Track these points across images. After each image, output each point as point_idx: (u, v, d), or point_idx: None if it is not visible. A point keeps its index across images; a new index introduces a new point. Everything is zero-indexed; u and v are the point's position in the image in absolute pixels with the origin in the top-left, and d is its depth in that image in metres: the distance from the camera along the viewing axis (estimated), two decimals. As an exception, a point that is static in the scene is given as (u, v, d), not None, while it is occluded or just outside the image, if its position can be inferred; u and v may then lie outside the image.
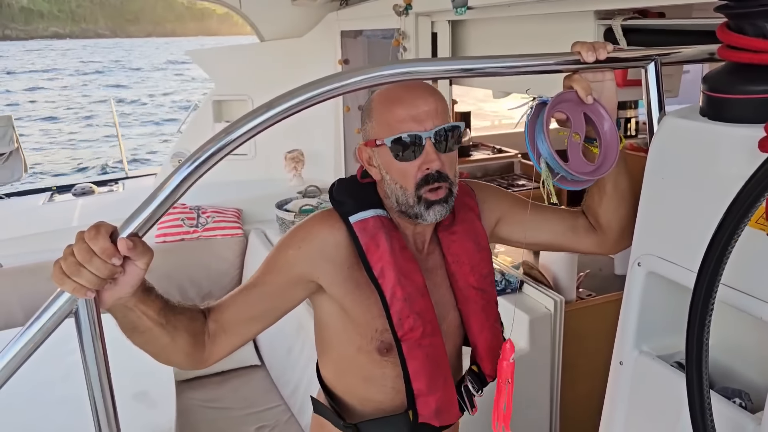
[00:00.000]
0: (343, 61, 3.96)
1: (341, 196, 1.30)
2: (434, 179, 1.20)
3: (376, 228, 1.25)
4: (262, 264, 1.28)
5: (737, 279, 0.89)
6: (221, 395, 3.18)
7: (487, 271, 1.38)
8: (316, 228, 1.28)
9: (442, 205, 1.22)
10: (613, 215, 1.30)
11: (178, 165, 0.95)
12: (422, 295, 1.26)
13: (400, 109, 1.20)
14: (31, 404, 2.33)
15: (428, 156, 1.19)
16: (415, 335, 1.25)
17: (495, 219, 1.43)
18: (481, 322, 1.37)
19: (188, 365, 1.18)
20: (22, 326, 0.91)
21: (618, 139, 1.14)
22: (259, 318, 1.24)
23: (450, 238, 1.34)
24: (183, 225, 3.80)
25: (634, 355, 1.13)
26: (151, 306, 1.04)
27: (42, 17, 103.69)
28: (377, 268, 1.23)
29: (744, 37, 0.91)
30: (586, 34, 1.91)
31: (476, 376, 1.41)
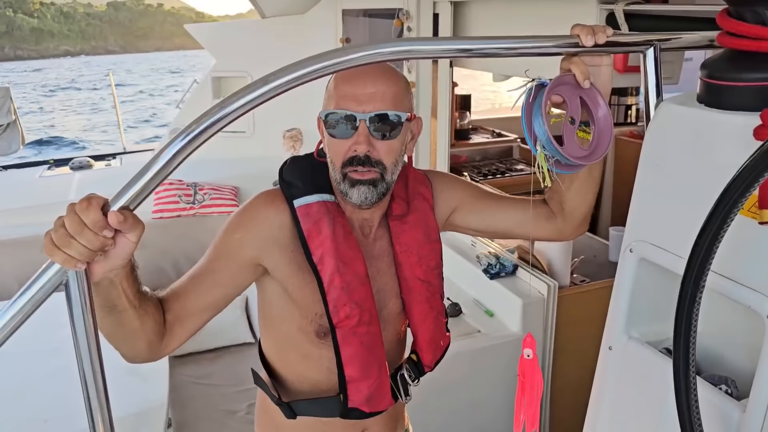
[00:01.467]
0: (344, 40, 3.93)
1: (290, 177, 1.28)
2: (359, 162, 1.18)
3: (320, 213, 1.24)
4: (209, 249, 1.26)
5: (727, 267, 0.89)
6: (214, 372, 3.20)
7: (435, 264, 1.37)
8: (263, 209, 1.26)
9: (369, 188, 1.20)
10: (581, 201, 1.32)
11: (172, 138, 0.94)
12: (362, 284, 1.26)
13: (347, 86, 1.18)
14: (21, 377, 2.35)
15: (358, 138, 1.17)
16: (351, 323, 1.25)
17: (450, 208, 1.42)
18: (423, 313, 1.37)
19: (146, 355, 1.16)
20: (15, 298, 0.91)
21: (611, 126, 1.14)
22: (212, 306, 1.23)
23: (401, 228, 1.33)
24: (180, 201, 3.80)
25: (624, 340, 1.14)
26: (132, 285, 1.04)
27: (52, 37, 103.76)
28: (317, 255, 1.23)
29: (743, 23, 0.90)
30: (588, 18, 1.89)
31: (414, 365, 1.42)
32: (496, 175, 3.98)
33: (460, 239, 2.87)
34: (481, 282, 2.61)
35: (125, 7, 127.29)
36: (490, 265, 2.60)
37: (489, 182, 3.76)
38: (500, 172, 4.04)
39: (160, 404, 2.31)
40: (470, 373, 2.42)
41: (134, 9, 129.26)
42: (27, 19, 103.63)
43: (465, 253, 2.80)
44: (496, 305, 2.56)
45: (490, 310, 2.58)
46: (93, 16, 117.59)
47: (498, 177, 3.95)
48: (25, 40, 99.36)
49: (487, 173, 4.01)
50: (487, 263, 2.61)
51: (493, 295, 2.57)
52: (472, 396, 2.45)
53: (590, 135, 1.14)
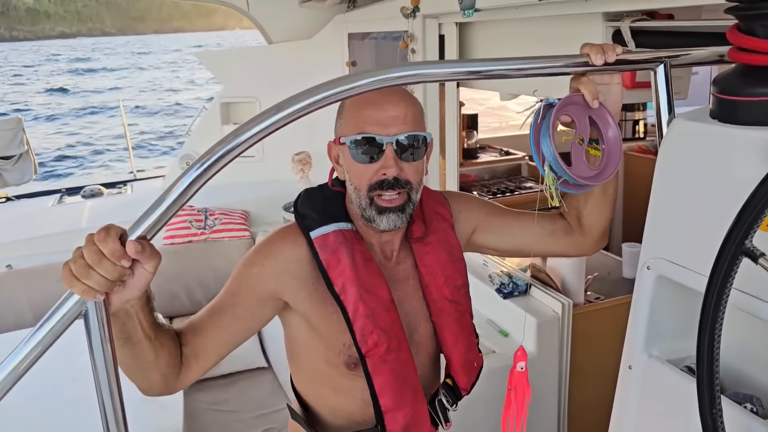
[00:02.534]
0: (350, 63, 3.97)
1: (304, 209, 1.28)
2: (389, 185, 1.18)
3: (338, 243, 1.23)
4: (227, 283, 1.26)
5: (749, 283, 0.89)
6: (228, 397, 3.19)
7: (461, 283, 1.36)
8: (278, 244, 1.26)
9: (397, 214, 1.20)
10: (598, 218, 1.31)
11: (186, 167, 0.95)
12: (387, 310, 1.24)
13: (368, 110, 1.18)
14: (40, 405, 2.34)
15: (387, 161, 1.17)
16: (380, 351, 1.23)
17: (471, 228, 1.41)
18: (455, 335, 1.35)
19: (161, 388, 1.16)
20: (32, 327, 0.91)
21: (621, 146, 1.14)
22: (231, 341, 1.23)
23: (423, 249, 1.32)
24: (191, 227, 3.81)
25: (644, 359, 1.12)
26: (147, 317, 1.04)
27: (48, 18, 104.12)
28: (338, 284, 1.22)
29: (754, 39, 0.91)
30: (594, 36, 1.90)
31: (450, 390, 1.39)
32: (505, 193, 3.98)
33: (472, 258, 2.86)
34: (495, 301, 2.59)
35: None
36: (503, 284, 2.58)
37: (498, 200, 3.75)
38: (509, 190, 4.03)
39: (176, 431, 2.31)
40: (486, 395, 2.40)
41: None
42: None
43: (477, 273, 2.79)
44: (511, 325, 2.54)
45: (505, 330, 2.56)
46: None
47: (507, 195, 3.94)
48: (20, 21, 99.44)
49: (496, 191, 4.00)
50: (500, 282, 2.59)
51: (506, 314, 2.55)
52: (489, 417, 2.43)
53: (600, 152, 1.14)
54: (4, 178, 4.05)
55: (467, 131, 4.33)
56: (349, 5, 4.05)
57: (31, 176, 4.23)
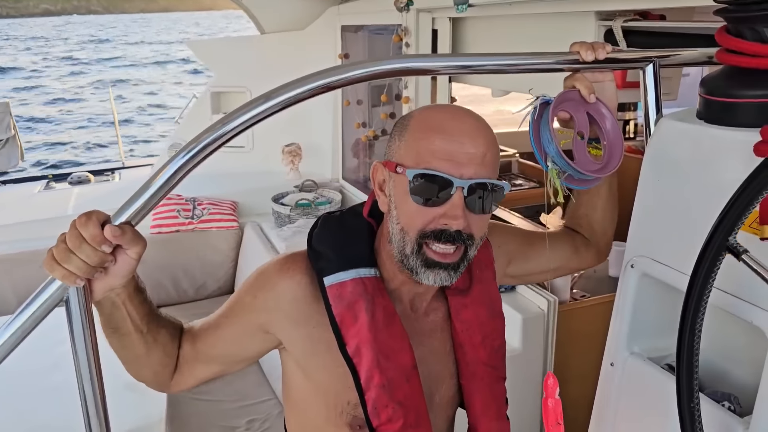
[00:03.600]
0: (343, 56, 3.96)
1: (320, 246, 1.09)
2: (448, 237, 0.98)
3: (356, 295, 1.04)
4: (226, 302, 1.15)
5: (730, 283, 0.89)
6: (213, 388, 3.17)
7: (500, 344, 1.19)
8: (275, 277, 1.09)
9: (448, 272, 1.00)
10: (610, 220, 1.28)
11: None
12: (407, 380, 1.06)
13: (440, 141, 0.97)
14: (21, 393, 2.33)
15: (454, 210, 0.96)
16: (395, 427, 1.05)
17: (507, 262, 1.27)
18: (486, 403, 1.17)
19: (154, 384, 1.11)
20: (14, 314, 0.91)
21: (621, 136, 1.13)
22: (217, 360, 1.13)
23: (461, 302, 1.14)
24: (179, 216, 3.79)
25: (625, 356, 1.13)
26: (138, 309, 1.00)
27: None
28: (352, 346, 1.04)
29: (742, 41, 0.91)
30: (586, 34, 1.91)
31: None
32: (494, 189, 3.98)
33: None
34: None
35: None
36: (490, 280, 2.59)
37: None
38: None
39: (158, 420, 2.30)
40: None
41: None
42: None
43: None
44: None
45: (490, 325, 2.57)
46: None
47: (497, 192, 3.94)
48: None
49: (485, 188, 4.00)
50: (487, 278, 2.60)
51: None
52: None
53: (601, 150, 1.14)
54: (-10, 163, 4.02)
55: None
56: (342, -3, 4.03)
57: (18, 161, 4.20)
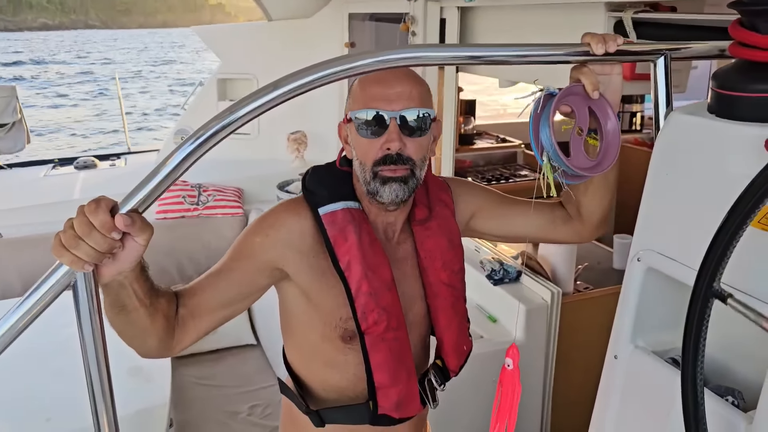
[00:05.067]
0: (350, 44, 3.94)
1: (313, 186, 1.30)
2: (392, 160, 1.19)
3: (346, 221, 1.25)
4: (229, 249, 1.27)
5: (737, 278, 0.89)
6: (216, 373, 3.20)
7: (459, 268, 1.38)
8: (283, 216, 1.28)
9: (400, 185, 1.21)
10: (598, 206, 1.32)
11: (180, 142, 0.94)
12: (389, 289, 1.26)
13: (374, 87, 1.20)
14: (27, 375, 2.35)
15: (390, 135, 1.18)
16: (379, 329, 1.25)
17: (470, 213, 1.44)
18: (449, 318, 1.38)
19: (157, 351, 1.17)
20: (20, 297, 0.91)
21: (619, 137, 1.14)
22: (227, 304, 1.24)
23: (424, 233, 1.34)
24: (184, 202, 3.80)
25: (630, 349, 1.13)
26: (143, 285, 1.05)
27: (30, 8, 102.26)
28: (344, 261, 1.23)
29: (757, 34, 0.90)
30: (596, 25, 1.89)
31: (440, 371, 1.41)
32: (500, 180, 3.99)
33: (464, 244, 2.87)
34: (485, 287, 2.61)
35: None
36: (494, 270, 2.59)
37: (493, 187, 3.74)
38: (504, 178, 4.04)
39: (162, 404, 2.32)
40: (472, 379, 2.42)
41: None
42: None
43: (469, 259, 2.78)
44: (500, 311, 2.56)
45: (494, 315, 2.58)
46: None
47: (502, 182, 3.95)
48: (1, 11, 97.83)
49: (491, 178, 4.01)
50: (491, 269, 2.61)
51: (496, 300, 2.57)
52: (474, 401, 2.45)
53: (598, 141, 1.14)
54: (-4, 146, 4.02)
55: (465, 117, 4.31)
56: (350, -16, 4.01)
57: (24, 145, 4.20)
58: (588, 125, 1.13)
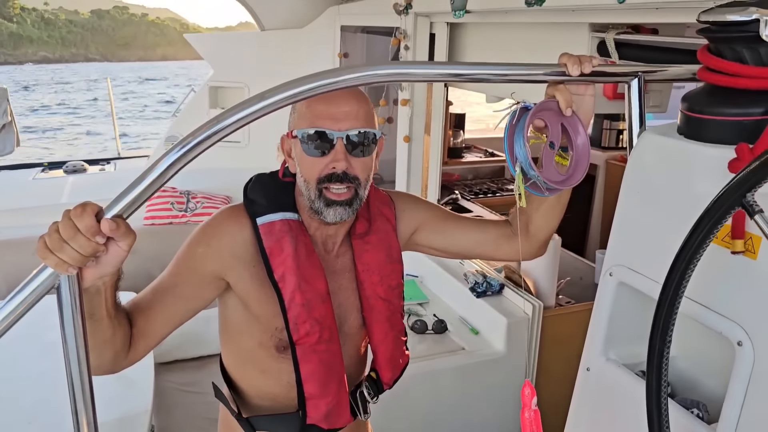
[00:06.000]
0: (342, 55, 3.98)
1: (254, 195, 1.30)
2: (337, 178, 1.20)
3: (283, 232, 1.26)
4: (171, 263, 1.26)
5: (701, 293, 0.93)
6: (199, 379, 3.20)
7: (396, 283, 1.39)
8: (225, 224, 1.28)
9: (344, 208, 1.22)
10: (546, 224, 1.35)
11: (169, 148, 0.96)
12: (323, 302, 1.28)
13: (320, 105, 1.20)
14: (7, 378, 2.34)
15: (336, 155, 1.19)
16: (311, 340, 1.26)
17: (413, 228, 1.44)
18: (384, 332, 1.39)
19: (110, 366, 1.16)
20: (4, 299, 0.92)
21: (589, 154, 1.17)
22: (175, 320, 1.24)
23: (363, 247, 1.36)
24: (172, 209, 3.81)
25: (601, 361, 1.16)
26: (113, 295, 1.06)
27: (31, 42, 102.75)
28: (278, 272, 1.24)
29: (722, 60, 0.94)
30: (580, 45, 1.94)
31: (374, 383, 1.43)
32: (487, 194, 4.02)
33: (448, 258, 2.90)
34: (468, 300, 2.63)
35: (109, 16, 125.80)
36: (477, 283, 2.62)
37: (480, 201, 3.79)
38: (491, 191, 4.07)
39: (144, 410, 2.31)
40: (453, 389, 2.44)
41: (118, 18, 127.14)
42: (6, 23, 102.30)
43: (452, 271, 2.83)
44: (482, 323, 2.59)
45: (476, 328, 2.60)
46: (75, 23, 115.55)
47: (489, 196, 3.98)
48: (2, 45, 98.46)
49: (478, 192, 4.04)
50: (474, 281, 2.64)
51: (478, 313, 2.59)
52: (455, 412, 2.47)
53: (567, 161, 1.17)
54: (-15, 149, 4.01)
55: (454, 130, 4.36)
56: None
57: (13, 147, 4.19)
58: (560, 141, 1.16)
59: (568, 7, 1.83)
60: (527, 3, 1.91)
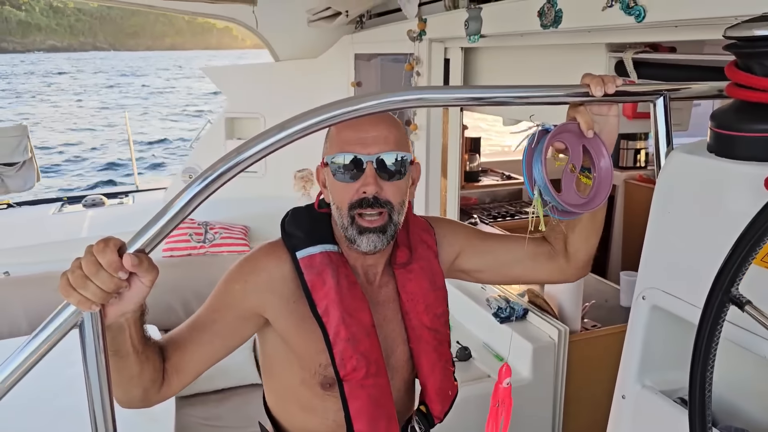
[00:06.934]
0: (356, 84, 4.00)
1: (291, 229, 1.29)
2: (368, 204, 1.19)
3: (324, 264, 1.24)
4: (209, 299, 1.26)
5: (742, 316, 0.89)
6: (221, 413, 3.16)
7: (441, 311, 1.36)
8: (263, 260, 1.27)
9: (378, 235, 1.20)
10: (583, 244, 1.32)
11: (188, 180, 0.95)
12: (368, 335, 1.24)
13: (349, 131, 1.20)
14: (31, 414, 2.33)
15: (366, 179, 1.18)
16: (358, 375, 1.23)
17: (455, 253, 1.42)
18: (432, 363, 1.35)
19: (140, 401, 1.15)
20: (26, 335, 0.91)
21: (612, 176, 1.15)
22: (212, 357, 1.23)
23: (406, 276, 1.32)
24: (191, 240, 3.82)
25: (637, 389, 1.12)
26: (138, 331, 1.05)
27: (39, 30, 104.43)
28: (321, 306, 1.22)
29: (752, 75, 0.92)
30: (597, 66, 1.93)
31: (424, 417, 1.39)
32: (505, 217, 3.99)
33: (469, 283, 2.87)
34: (491, 326, 2.59)
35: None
36: (500, 308, 2.58)
37: (498, 224, 3.76)
38: (509, 215, 4.05)
39: (166, 445, 2.29)
40: (479, 420, 2.38)
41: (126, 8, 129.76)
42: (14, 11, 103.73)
43: (475, 297, 2.79)
44: (506, 349, 2.54)
45: (500, 354, 2.55)
46: (84, 11, 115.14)
47: (507, 219, 3.95)
48: (11, 33, 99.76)
49: (496, 215, 4.02)
50: (497, 307, 2.59)
51: (503, 339, 2.55)
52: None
53: (591, 181, 1.15)
54: (6, 185, 4.06)
55: (470, 154, 4.35)
56: (356, 26, 4.10)
57: (34, 183, 4.24)
58: (582, 163, 1.14)
59: (584, 28, 1.82)
60: (543, 25, 1.91)
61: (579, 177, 1.15)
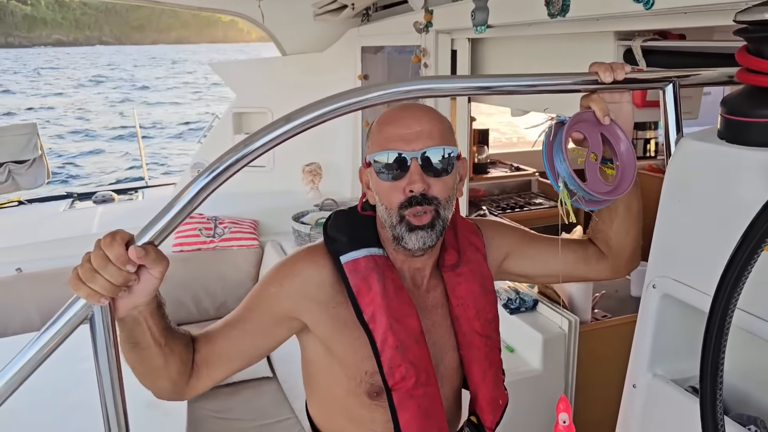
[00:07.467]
0: (362, 76, 4.00)
1: (334, 233, 1.24)
2: (417, 201, 1.13)
3: (369, 269, 1.19)
4: (245, 298, 1.24)
5: (753, 304, 0.88)
6: (232, 406, 3.18)
7: (492, 316, 1.31)
8: (300, 265, 1.23)
9: (427, 231, 1.15)
10: (625, 238, 1.28)
11: (196, 175, 0.96)
12: (417, 342, 1.19)
13: (391, 128, 1.16)
14: (43, 409, 2.35)
15: (412, 177, 1.13)
16: (407, 385, 1.18)
17: (503, 255, 1.38)
18: (483, 371, 1.29)
19: (169, 393, 1.15)
20: (38, 331, 0.92)
21: (635, 159, 1.13)
22: (241, 355, 1.21)
23: (455, 280, 1.27)
24: (200, 235, 3.83)
25: (648, 378, 1.12)
26: (158, 323, 1.04)
27: (45, 24, 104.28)
28: (368, 312, 1.17)
29: (763, 60, 0.91)
30: (605, 54, 1.91)
31: (475, 427, 1.34)
32: (514, 209, 3.97)
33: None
34: (502, 317, 2.57)
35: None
36: (510, 299, 2.57)
37: (507, 216, 3.75)
38: (519, 206, 4.03)
39: (178, 439, 2.31)
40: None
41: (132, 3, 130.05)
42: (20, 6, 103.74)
43: (484, 288, 2.78)
44: (517, 341, 2.53)
45: (510, 345, 2.55)
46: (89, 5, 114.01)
47: (517, 211, 3.94)
48: (17, 27, 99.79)
49: (505, 207, 4.00)
50: (507, 298, 2.59)
51: (513, 330, 2.54)
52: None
53: (614, 170, 1.14)
54: (17, 182, 4.09)
55: (478, 146, 4.33)
56: (362, 19, 4.08)
57: (44, 181, 4.27)
58: (602, 152, 1.13)
59: (592, 17, 1.80)
60: (550, 14, 1.89)
61: (602, 168, 1.14)
